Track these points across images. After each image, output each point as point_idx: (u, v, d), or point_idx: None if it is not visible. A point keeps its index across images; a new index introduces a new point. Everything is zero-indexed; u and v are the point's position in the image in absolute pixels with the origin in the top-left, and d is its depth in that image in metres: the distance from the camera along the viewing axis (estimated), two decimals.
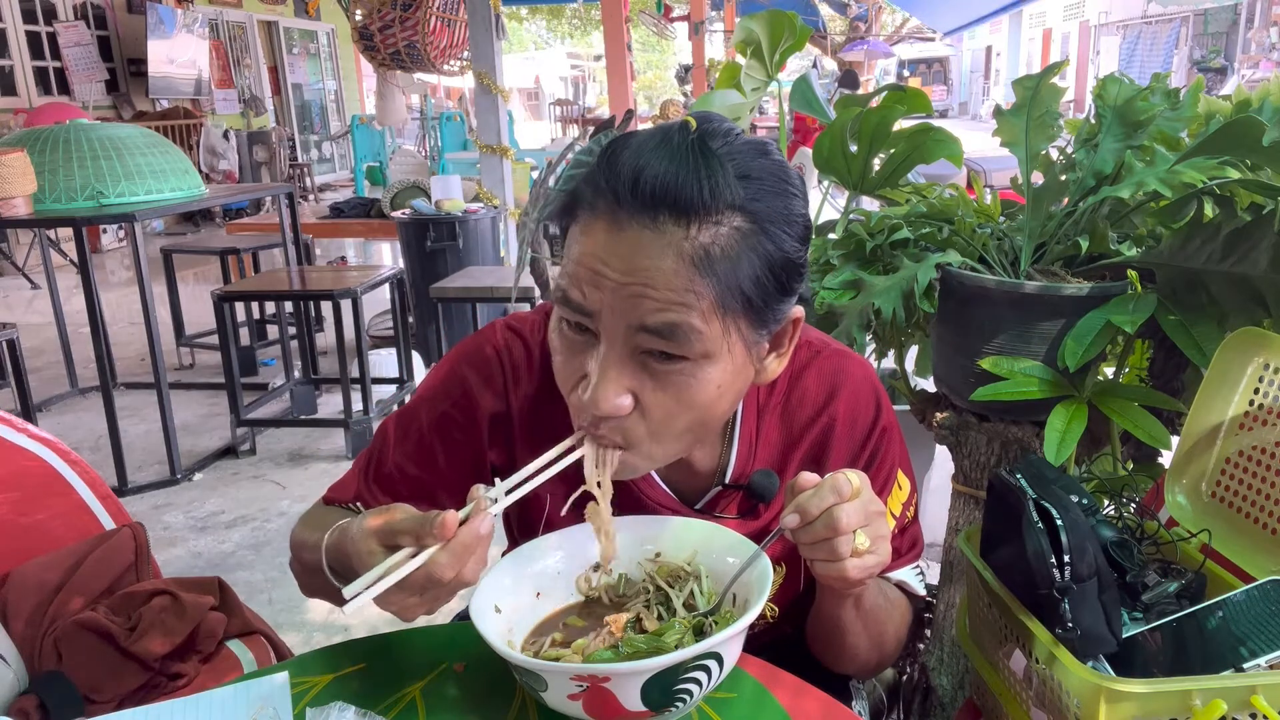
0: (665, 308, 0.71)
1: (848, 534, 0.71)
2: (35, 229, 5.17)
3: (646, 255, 0.70)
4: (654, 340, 0.72)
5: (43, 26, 9.18)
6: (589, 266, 0.72)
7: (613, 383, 0.73)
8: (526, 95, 28.36)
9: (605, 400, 0.73)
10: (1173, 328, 1.13)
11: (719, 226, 0.71)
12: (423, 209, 4.41)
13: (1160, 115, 1.23)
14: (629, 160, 0.71)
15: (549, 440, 0.83)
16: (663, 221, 0.70)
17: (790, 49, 1.71)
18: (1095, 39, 21.45)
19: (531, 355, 0.92)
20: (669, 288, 0.70)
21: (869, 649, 0.92)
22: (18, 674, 1.14)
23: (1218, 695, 0.76)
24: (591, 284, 0.72)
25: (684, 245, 0.70)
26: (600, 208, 0.72)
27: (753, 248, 0.72)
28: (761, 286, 0.73)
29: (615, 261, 0.71)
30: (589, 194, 0.74)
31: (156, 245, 5.70)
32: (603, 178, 0.72)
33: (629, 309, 0.71)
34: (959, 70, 30.55)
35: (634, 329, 0.72)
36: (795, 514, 0.72)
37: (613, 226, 0.71)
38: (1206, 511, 1.00)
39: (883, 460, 0.93)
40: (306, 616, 2.45)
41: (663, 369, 0.73)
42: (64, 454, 1.36)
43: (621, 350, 0.73)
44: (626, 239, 0.71)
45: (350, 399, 3.52)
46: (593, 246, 0.72)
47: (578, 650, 0.76)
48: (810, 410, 0.91)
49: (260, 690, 0.80)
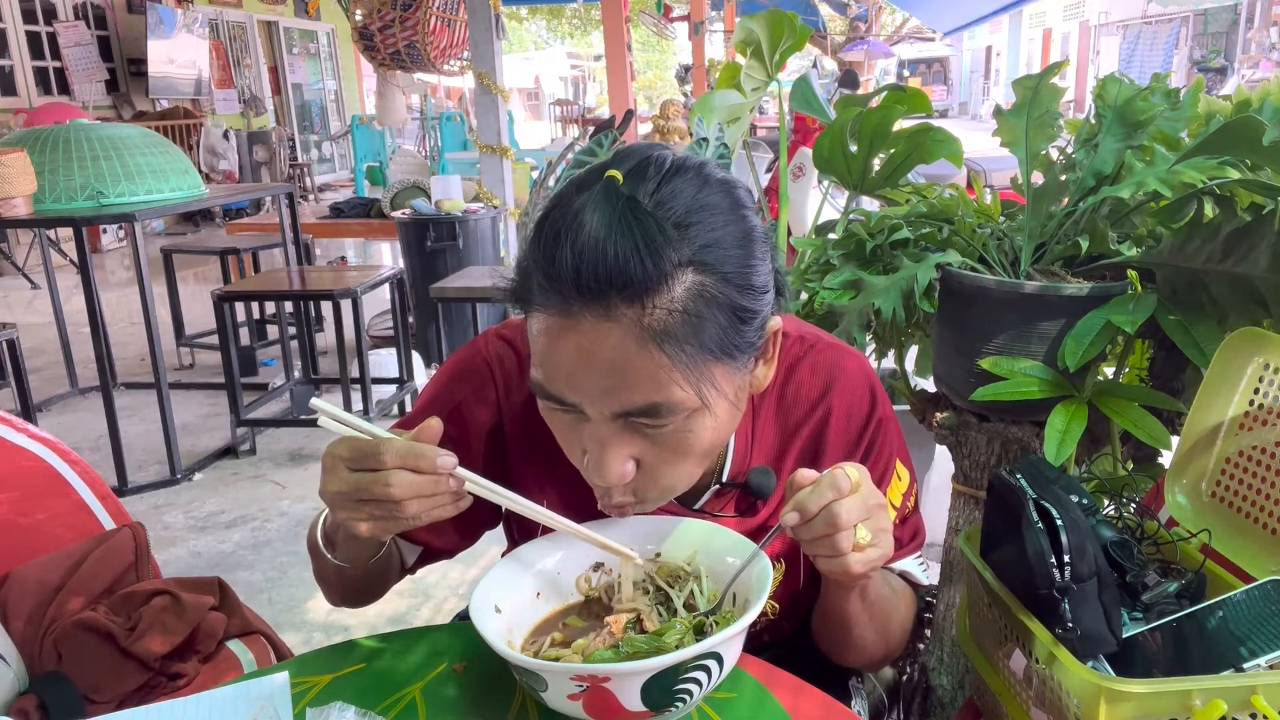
0: (643, 392, 0.70)
1: (848, 529, 0.71)
2: (35, 229, 5.17)
3: (609, 349, 0.69)
4: (639, 418, 0.73)
5: (43, 26, 9.18)
6: (560, 366, 0.71)
7: (611, 456, 0.74)
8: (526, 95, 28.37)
9: (610, 473, 0.74)
10: (1173, 328, 1.13)
11: (673, 291, 0.69)
12: (423, 209, 4.41)
13: (1160, 115, 1.23)
14: (565, 252, 0.68)
15: (542, 449, 0.86)
16: (615, 307, 0.68)
17: (790, 49, 1.72)
18: (1095, 39, 21.46)
19: (523, 363, 0.91)
20: (641, 374, 0.69)
21: (876, 640, 0.91)
22: (18, 674, 1.14)
23: (1218, 695, 0.76)
24: (567, 383, 0.72)
25: (642, 325, 0.68)
26: (551, 305, 0.70)
27: (712, 300, 0.70)
28: (730, 332, 0.73)
29: (582, 362, 0.70)
30: (536, 291, 0.71)
31: (156, 245, 5.70)
32: (543, 275, 0.70)
33: (609, 401, 0.71)
34: (959, 70, 30.55)
35: (617, 414, 0.72)
36: (795, 512, 0.72)
37: (568, 325, 0.69)
38: (1206, 511, 1.00)
39: (880, 452, 0.93)
40: (306, 616, 2.45)
41: (657, 432, 0.74)
42: (64, 454, 1.36)
43: (611, 427, 0.73)
44: (585, 335, 0.69)
45: (350, 399, 3.52)
46: (556, 350, 0.71)
47: (578, 650, 0.76)
48: (805, 405, 0.91)
49: (260, 690, 0.80)
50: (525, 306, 0.75)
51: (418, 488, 0.70)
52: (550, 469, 0.90)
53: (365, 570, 0.86)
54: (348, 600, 0.95)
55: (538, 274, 0.71)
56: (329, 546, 0.84)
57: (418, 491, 0.70)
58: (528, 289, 0.73)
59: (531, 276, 0.72)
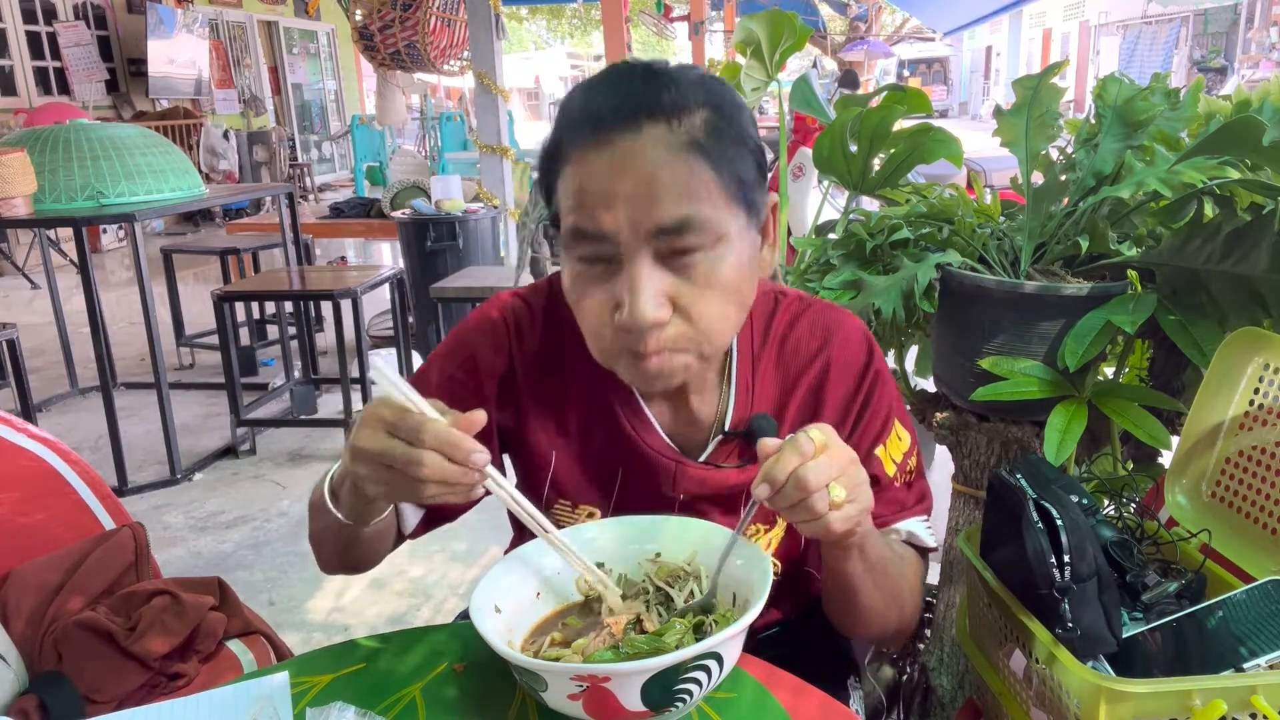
0: (676, 203, 0.75)
1: (820, 491, 0.70)
2: (35, 229, 5.17)
3: (643, 159, 0.75)
4: (671, 240, 0.76)
5: (43, 26, 9.18)
6: (595, 190, 0.76)
7: (647, 292, 0.76)
8: (526, 95, 28.37)
9: (647, 310, 0.75)
10: (1173, 328, 1.13)
11: (694, 119, 0.76)
12: (423, 209, 4.41)
13: (1160, 115, 1.23)
14: (595, 95, 0.78)
15: (554, 397, 0.91)
16: (645, 127, 0.75)
17: (790, 49, 1.71)
18: (1095, 39, 21.46)
19: (535, 316, 0.95)
20: (674, 181, 0.75)
21: (885, 605, 0.90)
22: (18, 674, 1.14)
23: (1218, 695, 0.76)
24: (603, 206, 0.75)
25: (671, 139, 0.75)
26: (585, 137, 0.76)
27: (729, 135, 0.78)
28: (747, 169, 0.79)
29: (618, 176, 0.75)
30: (568, 135, 0.78)
31: (156, 245, 5.70)
32: (577, 115, 0.78)
33: (643, 216, 0.75)
34: (959, 70, 30.55)
35: (651, 234, 0.75)
36: (765, 484, 0.71)
37: (603, 147, 0.75)
38: (1206, 511, 1.00)
39: (878, 403, 0.94)
40: (306, 616, 2.45)
41: (687, 263, 0.77)
42: (64, 454, 1.36)
43: (645, 261, 0.76)
44: (619, 152, 0.75)
45: (350, 399, 3.52)
46: (592, 172, 0.76)
47: (578, 650, 0.76)
48: (805, 357, 0.94)
49: (260, 690, 0.80)
50: (554, 169, 0.80)
51: (445, 474, 0.69)
52: (561, 421, 0.93)
53: (364, 530, 0.85)
54: (343, 563, 0.93)
55: (567, 124, 0.78)
56: (333, 499, 0.83)
57: (443, 477, 0.70)
58: (557, 146, 0.79)
59: (560, 140, 0.79)
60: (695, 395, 0.93)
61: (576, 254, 0.79)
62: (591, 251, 0.78)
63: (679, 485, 0.93)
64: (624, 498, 0.95)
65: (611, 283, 0.78)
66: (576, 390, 0.93)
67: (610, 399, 0.93)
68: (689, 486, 0.93)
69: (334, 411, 3.83)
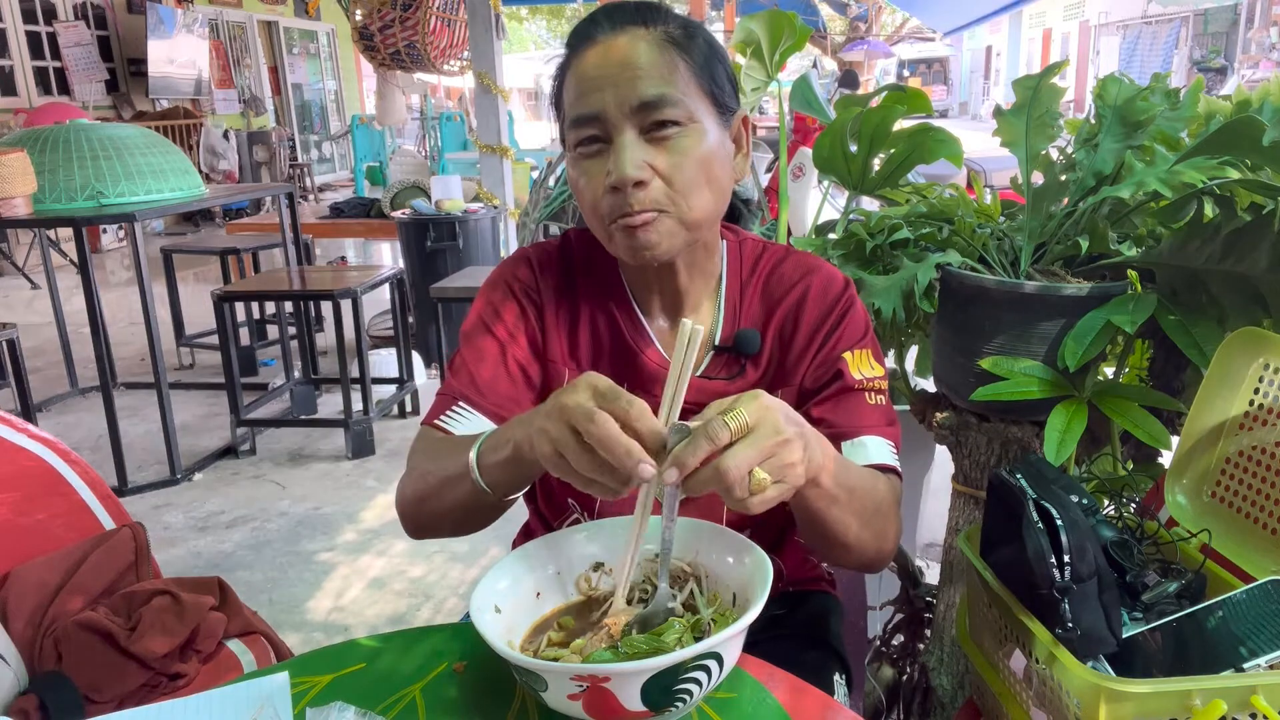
0: (653, 83, 0.89)
1: (740, 480, 0.69)
2: (35, 229, 5.17)
3: (626, 49, 0.90)
4: (651, 113, 0.89)
5: (43, 26, 9.18)
6: (588, 78, 0.91)
7: (629, 155, 0.89)
8: (526, 95, 28.33)
9: (629, 167, 0.88)
10: (1173, 328, 1.13)
11: (669, 27, 0.93)
12: (423, 209, 4.41)
13: (1160, 115, 1.23)
14: (592, 16, 0.94)
15: (568, 322, 1.05)
16: (631, 28, 0.92)
17: (790, 49, 1.71)
18: (1095, 39, 21.45)
19: (552, 254, 1.08)
20: (651, 65, 0.89)
21: (858, 532, 0.88)
22: (18, 674, 1.14)
23: (1218, 695, 0.76)
24: (595, 89, 0.90)
25: (651, 34, 0.92)
26: (581, 45, 0.93)
27: (700, 46, 0.93)
28: (714, 71, 0.94)
29: (605, 64, 0.90)
30: (571, 51, 0.94)
31: (156, 245, 5.70)
32: (578, 31, 0.95)
33: (627, 93, 0.89)
34: (959, 70, 30.54)
35: (634, 108, 0.89)
36: (673, 468, 0.70)
37: (595, 46, 0.92)
38: (1206, 511, 1.00)
39: (850, 324, 1.01)
40: (306, 616, 2.45)
41: (664, 136, 0.90)
42: (64, 454, 1.36)
43: (630, 134, 0.90)
44: (607, 47, 0.91)
45: (350, 399, 3.52)
46: (584, 66, 0.92)
47: (576, 650, 0.76)
48: (787, 285, 1.04)
49: (260, 690, 0.80)
50: (561, 80, 0.95)
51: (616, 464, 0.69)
52: (574, 342, 1.05)
53: (495, 500, 0.87)
54: (451, 530, 0.96)
55: (570, 44, 0.95)
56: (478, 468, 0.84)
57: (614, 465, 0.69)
58: (562, 71, 0.95)
59: (565, 59, 0.95)
60: (690, 313, 1.04)
61: (575, 143, 0.93)
62: (586, 135, 0.91)
63: None
64: None
65: (603, 160, 0.91)
66: (587, 317, 1.05)
67: (615, 321, 1.04)
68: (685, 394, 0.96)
69: (334, 411, 3.83)
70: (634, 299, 1.04)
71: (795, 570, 1.12)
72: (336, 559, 2.76)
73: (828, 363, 1.00)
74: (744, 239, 1.08)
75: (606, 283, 1.05)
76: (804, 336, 1.01)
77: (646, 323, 1.04)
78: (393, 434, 3.75)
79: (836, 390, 0.99)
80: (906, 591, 1.68)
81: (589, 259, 1.06)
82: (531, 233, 3.69)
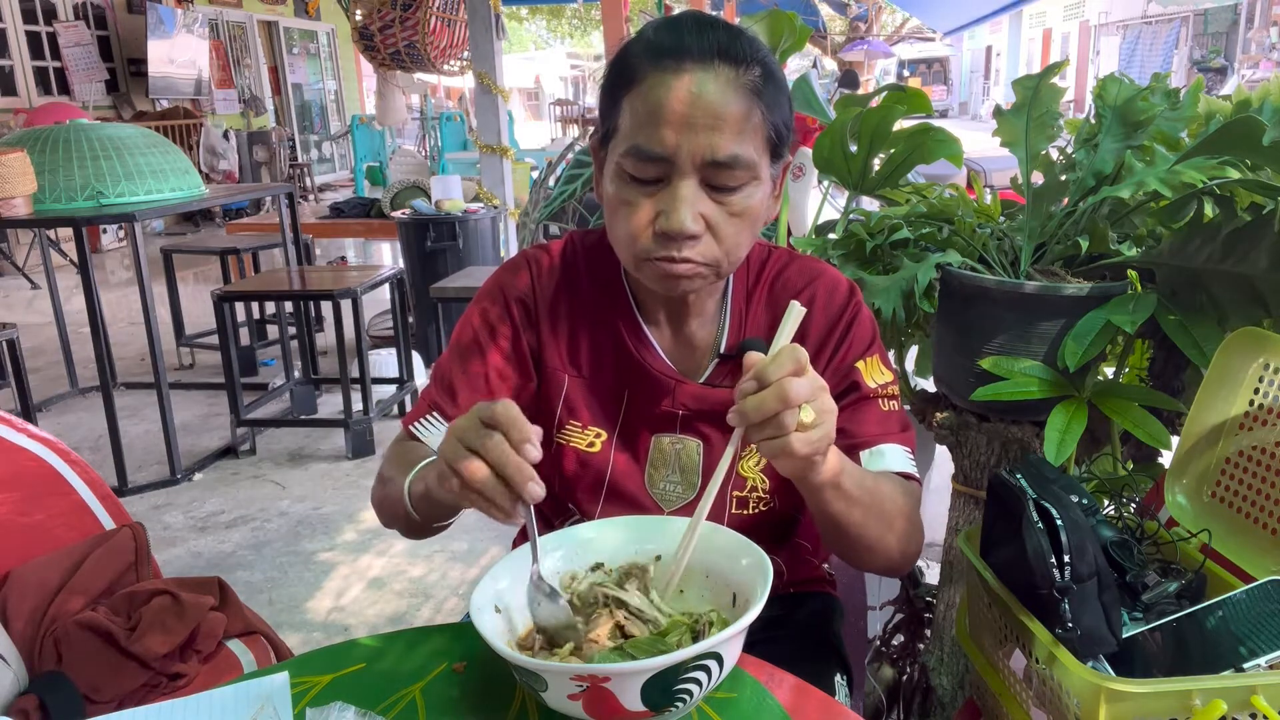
0: (731, 140, 0.85)
1: (794, 408, 0.72)
2: (35, 229, 5.17)
3: (714, 94, 0.85)
4: (719, 173, 0.86)
5: (43, 26, 9.18)
6: (666, 113, 0.85)
7: (689, 206, 0.86)
8: (526, 95, 28.32)
9: (687, 220, 0.86)
10: (1173, 328, 1.13)
11: (755, 71, 0.87)
12: (423, 209, 4.41)
13: (1160, 115, 1.23)
14: (678, 29, 0.88)
15: (568, 327, 1.03)
16: (719, 67, 0.86)
17: (790, 49, 1.71)
18: (1095, 39, 21.45)
19: (553, 257, 1.06)
20: (732, 121, 0.85)
21: (880, 536, 0.91)
22: (18, 674, 1.14)
23: (1218, 695, 0.76)
24: (672, 128, 0.85)
25: (740, 81, 0.86)
26: (666, 65, 0.86)
27: (778, 91, 0.89)
28: (782, 118, 0.90)
29: (688, 106, 0.85)
30: (647, 59, 0.87)
31: (156, 245, 5.70)
32: (658, 43, 0.87)
33: (703, 145, 0.85)
34: (959, 70, 30.53)
35: (705, 163, 0.86)
36: (753, 380, 0.73)
37: (682, 74, 0.85)
38: (1206, 511, 1.00)
39: (858, 331, 1.01)
40: (306, 616, 2.45)
41: (724, 198, 0.88)
42: (64, 454, 1.36)
43: (692, 183, 0.87)
44: (695, 80, 0.85)
45: (350, 399, 3.52)
46: (667, 99, 0.85)
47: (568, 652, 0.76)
48: (792, 291, 1.03)
49: (260, 690, 0.80)
50: (622, 89, 0.89)
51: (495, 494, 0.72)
52: (574, 349, 1.03)
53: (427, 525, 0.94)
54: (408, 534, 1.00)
55: (646, 50, 0.87)
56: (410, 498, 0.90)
57: (493, 497, 0.72)
58: (630, 69, 0.88)
59: (636, 64, 0.88)
60: (694, 321, 1.02)
61: (629, 169, 0.88)
62: (644, 170, 0.87)
63: (678, 401, 1.02)
64: (630, 417, 1.03)
65: (655, 197, 0.88)
66: (587, 321, 1.04)
67: (618, 328, 1.03)
68: (687, 401, 1.02)
69: (334, 411, 3.83)
70: (638, 307, 1.04)
71: (795, 571, 1.12)
72: (336, 559, 2.76)
73: (841, 372, 1.00)
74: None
75: (610, 290, 1.04)
76: (812, 345, 1.00)
77: (649, 331, 1.03)
78: (392, 434, 3.73)
79: (853, 400, 0.99)
80: (906, 591, 1.68)
81: (593, 264, 1.05)
82: (531, 233, 3.69)
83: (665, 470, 1.02)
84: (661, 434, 1.03)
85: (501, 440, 0.71)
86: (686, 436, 1.02)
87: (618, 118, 0.90)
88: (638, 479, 1.03)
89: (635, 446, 1.03)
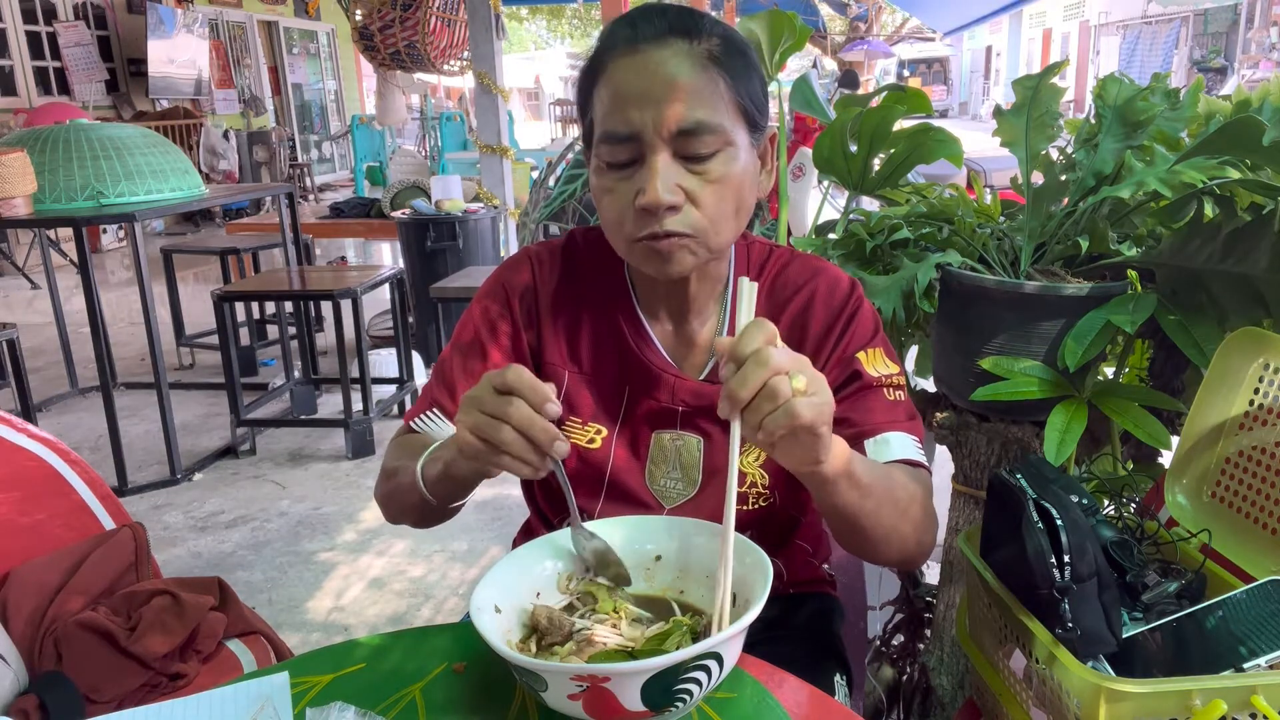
0: (695, 107, 0.86)
1: (782, 373, 0.70)
2: (35, 229, 5.17)
3: (669, 67, 0.87)
4: (688, 142, 0.87)
5: (43, 26, 9.18)
6: (626, 93, 0.87)
7: (662, 178, 0.87)
8: (526, 95, 28.31)
9: (661, 191, 0.87)
10: (1173, 328, 1.13)
11: (713, 41, 0.89)
12: (423, 209, 4.41)
13: (1160, 115, 1.23)
14: (631, 19, 0.90)
15: (569, 324, 1.04)
16: (673, 41, 0.88)
17: (790, 49, 1.71)
18: (1095, 39, 21.45)
19: (554, 254, 1.07)
20: (694, 87, 0.87)
21: (892, 527, 0.89)
22: (18, 674, 1.14)
23: (1218, 695, 0.76)
24: (634, 106, 0.87)
25: (694, 51, 0.88)
26: (620, 51, 0.89)
27: (741, 62, 0.90)
28: (751, 88, 0.91)
29: (646, 81, 0.87)
30: (606, 52, 0.90)
31: (156, 245, 5.70)
32: (617, 33, 0.90)
33: (667, 116, 0.86)
34: (959, 70, 30.53)
35: (672, 135, 0.87)
36: (731, 363, 0.72)
37: (633, 57, 0.88)
38: (1206, 511, 1.00)
39: (860, 320, 1.01)
40: (306, 616, 2.45)
41: (699, 167, 0.89)
42: (64, 454, 1.36)
43: (664, 156, 0.88)
44: (650, 61, 0.87)
45: (350, 399, 3.52)
46: (625, 78, 0.88)
47: (568, 653, 0.76)
48: (792, 288, 1.04)
49: (260, 690, 0.80)
50: (591, 83, 0.92)
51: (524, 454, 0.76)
52: (574, 345, 1.04)
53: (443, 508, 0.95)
54: (416, 524, 1.02)
55: (605, 43, 0.90)
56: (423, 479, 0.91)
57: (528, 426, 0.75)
58: (597, 65, 0.91)
59: (598, 59, 0.91)
60: (695, 317, 1.03)
61: (605, 157, 0.90)
62: (618, 154, 0.89)
63: (678, 397, 1.02)
64: (630, 414, 1.03)
65: (634, 179, 0.89)
66: (588, 319, 1.04)
67: (619, 324, 1.03)
68: (687, 397, 1.02)
69: (334, 411, 3.83)
70: (639, 303, 1.04)
71: (796, 571, 1.12)
72: (336, 559, 2.76)
73: (842, 363, 1.00)
74: (751, 243, 1.07)
75: (611, 285, 1.05)
76: (813, 341, 1.01)
77: (650, 327, 1.04)
78: (392, 434, 3.75)
79: (855, 389, 0.98)
80: (906, 591, 1.68)
81: (594, 260, 1.06)
82: (531, 233, 3.69)
83: (665, 467, 1.02)
84: (662, 430, 1.03)
85: (523, 404, 0.74)
86: (687, 433, 1.02)
87: (591, 114, 0.92)
88: (638, 475, 1.03)
89: (635, 443, 1.03)
